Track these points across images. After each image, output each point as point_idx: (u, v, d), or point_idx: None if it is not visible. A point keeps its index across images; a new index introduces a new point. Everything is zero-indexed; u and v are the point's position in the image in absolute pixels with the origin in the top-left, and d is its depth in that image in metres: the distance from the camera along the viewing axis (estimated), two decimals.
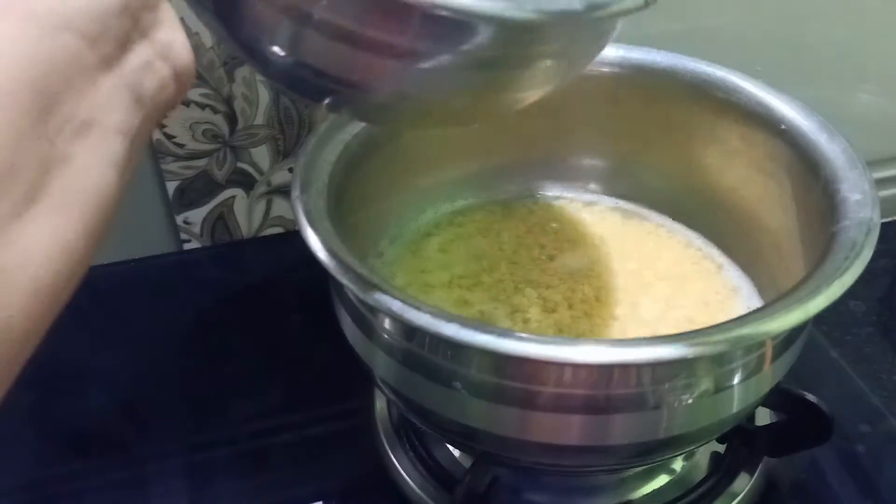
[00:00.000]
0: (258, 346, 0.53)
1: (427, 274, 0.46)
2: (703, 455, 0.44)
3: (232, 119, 0.56)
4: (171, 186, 0.57)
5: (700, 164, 0.47)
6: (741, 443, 0.44)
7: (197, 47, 0.52)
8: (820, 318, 0.32)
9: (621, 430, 0.33)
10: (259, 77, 0.54)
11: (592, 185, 0.52)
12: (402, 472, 0.44)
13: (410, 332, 0.34)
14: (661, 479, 0.44)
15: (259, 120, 0.56)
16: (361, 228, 0.44)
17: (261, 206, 0.60)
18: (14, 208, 0.20)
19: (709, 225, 0.49)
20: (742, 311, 0.43)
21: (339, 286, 0.34)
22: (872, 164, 0.38)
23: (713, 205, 0.48)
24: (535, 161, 0.51)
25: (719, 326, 0.31)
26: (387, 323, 0.35)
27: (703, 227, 0.49)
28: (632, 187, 0.51)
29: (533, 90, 0.32)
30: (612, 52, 0.46)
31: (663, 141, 0.48)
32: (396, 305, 0.31)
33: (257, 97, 0.55)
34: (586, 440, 0.34)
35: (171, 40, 0.25)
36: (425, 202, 0.50)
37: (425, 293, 0.45)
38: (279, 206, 0.61)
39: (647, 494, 0.43)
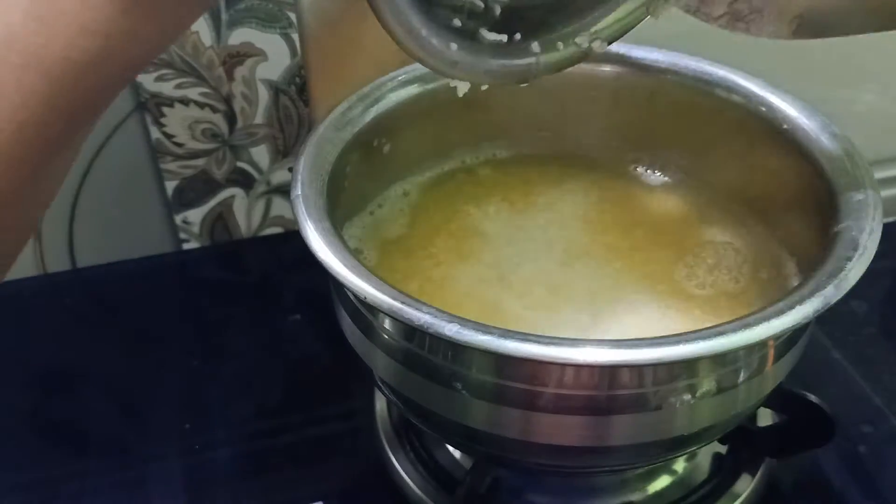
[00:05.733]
0: (258, 346, 0.53)
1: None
2: (704, 456, 0.44)
3: (231, 118, 0.55)
4: (171, 186, 0.57)
5: (700, 163, 0.47)
6: (743, 444, 0.43)
7: (195, 46, 0.52)
8: (822, 319, 0.31)
9: (623, 431, 0.33)
10: (258, 75, 0.54)
11: None
12: (403, 473, 0.44)
13: (410, 332, 0.34)
14: (663, 480, 0.43)
15: (258, 119, 0.56)
16: (361, 227, 0.44)
17: (260, 206, 0.60)
18: None
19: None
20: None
21: (339, 286, 0.34)
22: (875, 163, 0.38)
23: (711, 204, 0.47)
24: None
25: (721, 327, 0.31)
26: (387, 323, 0.35)
27: None
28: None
29: None
30: (613, 51, 0.46)
31: (663, 140, 0.48)
32: (396, 305, 0.31)
33: (257, 96, 0.55)
34: (588, 441, 0.34)
35: None
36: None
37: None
38: (279, 206, 0.61)
39: (649, 495, 0.43)
